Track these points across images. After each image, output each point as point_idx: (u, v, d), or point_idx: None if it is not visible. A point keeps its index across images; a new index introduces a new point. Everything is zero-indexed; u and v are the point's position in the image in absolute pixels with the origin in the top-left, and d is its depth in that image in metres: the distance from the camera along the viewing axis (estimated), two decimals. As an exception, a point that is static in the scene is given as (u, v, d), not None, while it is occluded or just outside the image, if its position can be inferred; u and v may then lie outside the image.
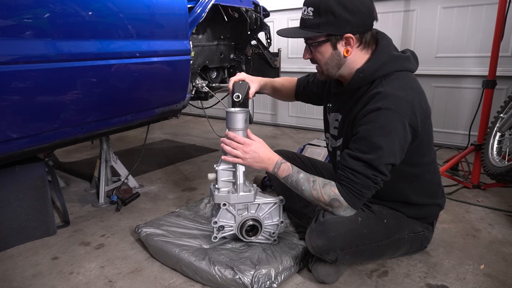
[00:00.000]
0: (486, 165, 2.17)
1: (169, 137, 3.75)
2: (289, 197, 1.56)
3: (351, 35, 1.21)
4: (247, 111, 1.40)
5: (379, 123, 1.15)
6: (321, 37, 1.23)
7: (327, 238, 1.24)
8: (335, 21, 1.18)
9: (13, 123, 1.36)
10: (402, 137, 1.16)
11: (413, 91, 1.20)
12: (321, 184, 1.26)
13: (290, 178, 1.32)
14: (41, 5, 1.32)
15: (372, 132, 1.15)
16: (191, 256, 1.40)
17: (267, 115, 4.25)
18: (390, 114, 1.14)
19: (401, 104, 1.15)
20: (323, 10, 1.18)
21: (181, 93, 2.02)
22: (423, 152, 1.31)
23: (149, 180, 2.50)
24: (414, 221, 1.41)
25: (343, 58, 1.25)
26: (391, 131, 1.15)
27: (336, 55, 1.25)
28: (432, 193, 1.42)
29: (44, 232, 1.74)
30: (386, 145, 1.15)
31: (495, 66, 2.18)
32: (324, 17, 1.19)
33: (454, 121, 3.08)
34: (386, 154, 1.15)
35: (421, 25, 3.06)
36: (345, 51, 1.23)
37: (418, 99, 1.19)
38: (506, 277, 1.39)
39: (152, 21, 1.73)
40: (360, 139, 1.18)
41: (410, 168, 1.31)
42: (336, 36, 1.21)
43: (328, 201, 1.24)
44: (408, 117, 1.15)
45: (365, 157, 1.16)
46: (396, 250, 1.39)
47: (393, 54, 1.25)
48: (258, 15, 2.43)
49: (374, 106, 1.16)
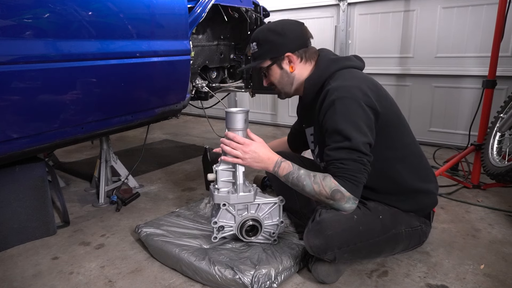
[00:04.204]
0: (486, 165, 2.17)
1: (169, 137, 3.75)
2: (289, 197, 1.56)
3: (289, 54, 1.39)
4: (247, 111, 1.40)
5: (338, 112, 1.25)
6: (267, 62, 1.42)
7: (324, 237, 1.25)
8: (272, 46, 1.40)
9: (13, 123, 1.36)
10: (364, 116, 1.25)
11: (357, 79, 1.32)
12: (322, 177, 1.27)
13: (291, 175, 1.32)
14: (41, 5, 1.32)
15: (337, 122, 1.24)
16: (191, 256, 1.40)
17: (267, 115, 4.25)
18: (344, 101, 1.25)
19: (350, 90, 1.27)
20: (262, 41, 1.41)
21: (181, 93, 2.02)
22: (399, 133, 1.38)
23: (149, 180, 2.50)
24: (410, 215, 1.41)
25: (291, 74, 1.42)
26: (352, 114, 1.24)
27: (284, 73, 1.43)
28: (423, 176, 1.43)
29: (44, 232, 1.74)
30: (354, 128, 1.23)
31: (495, 66, 2.18)
32: (264, 46, 1.41)
33: (454, 121, 3.08)
34: (358, 135, 1.23)
35: (421, 25, 3.06)
36: (290, 68, 1.42)
37: (364, 83, 1.30)
38: (506, 277, 1.39)
39: (152, 21, 1.73)
40: (331, 133, 1.27)
41: (395, 152, 1.37)
42: (278, 57, 1.40)
43: (330, 193, 1.24)
44: (361, 98, 1.25)
45: (343, 144, 1.23)
46: (394, 246, 1.40)
47: (331, 58, 1.41)
48: (258, 15, 2.43)
49: (328, 101, 1.27)
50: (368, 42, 3.36)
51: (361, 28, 3.37)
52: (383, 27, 3.25)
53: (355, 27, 3.40)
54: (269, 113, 4.23)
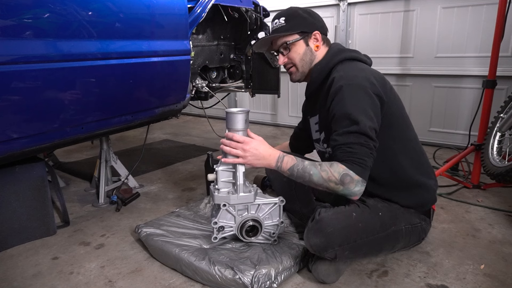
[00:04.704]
0: (486, 165, 2.17)
1: (169, 137, 3.75)
2: (289, 198, 1.56)
3: (318, 32, 1.46)
4: (248, 112, 1.40)
5: (346, 98, 1.27)
6: (295, 35, 1.45)
7: (324, 235, 1.25)
8: (304, 22, 1.45)
9: (13, 123, 1.35)
10: (371, 102, 1.28)
11: (363, 70, 1.36)
12: (328, 165, 1.27)
13: (296, 167, 1.31)
14: (41, 5, 1.32)
15: (345, 108, 1.26)
16: (191, 256, 1.40)
17: (267, 115, 4.25)
18: (351, 88, 1.28)
19: (357, 77, 1.31)
20: (292, 16, 1.45)
21: (181, 93, 2.02)
22: (403, 126, 1.42)
23: (149, 180, 2.50)
24: (410, 212, 1.41)
25: (314, 53, 1.47)
26: (359, 100, 1.27)
27: (308, 51, 1.46)
28: (423, 171, 1.45)
29: (44, 232, 1.74)
30: (362, 113, 1.25)
31: (495, 66, 2.18)
32: (295, 20, 1.44)
33: (454, 121, 3.08)
34: (365, 120, 1.24)
35: (421, 25, 3.06)
36: (315, 47, 1.46)
37: (370, 73, 1.35)
38: (506, 277, 1.39)
39: (152, 21, 1.73)
40: (338, 118, 1.28)
41: (398, 143, 1.39)
42: (307, 33, 1.45)
43: (339, 178, 1.23)
44: (368, 85, 1.29)
45: (351, 129, 1.25)
46: (394, 243, 1.40)
47: (341, 47, 1.49)
48: (258, 15, 2.43)
49: (336, 87, 1.30)
50: (368, 42, 3.36)
51: (361, 28, 3.37)
52: (383, 27, 3.25)
53: (355, 27, 3.40)
54: (269, 113, 4.23)
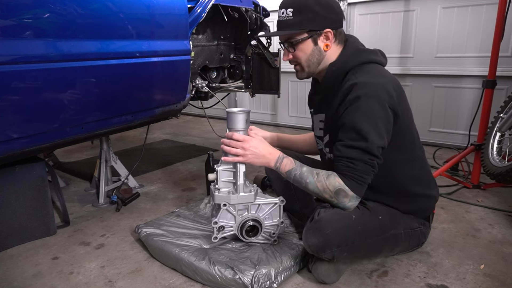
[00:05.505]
0: (486, 165, 2.17)
1: (169, 137, 3.75)
2: (289, 198, 1.56)
3: (330, 30, 1.29)
4: (248, 112, 1.40)
5: (361, 110, 1.21)
6: (303, 33, 1.30)
7: (322, 236, 1.25)
8: (314, 17, 1.27)
9: (13, 123, 1.35)
10: (385, 119, 1.23)
11: (384, 78, 1.28)
12: (325, 176, 1.27)
13: (294, 172, 1.32)
14: (41, 5, 1.32)
15: (358, 120, 1.21)
16: (191, 256, 1.40)
17: (267, 115, 4.25)
18: (370, 100, 1.21)
19: (377, 89, 1.23)
20: (302, 9, 1.26)
21: (181, 93, 2.02)
22: (410, 137, 1.37)
23: (149, 180, 2.50)
24: (410, 217, 1.41)
25: (323, 53, 1.33)
26: (374, 115, 1.21)
27: (317, 50, 1.33)
28: (425, 182, 1.44)
29: (44, 232, 1.74)
30: (373, 130, 1.21)
31: (495, 66, 2.18)
32: (304, 15, 1.26)
33: (454, 121, 3.08)
34: (375, 138, 1.21)
35: (421, 25, 3.06)
36: (325, 46, 1.32)
37: (391, 84, 1.27)
38: (506, 277, 1.39)
39: (152, 21, 1.73)
40: (348, 128, 1.24)
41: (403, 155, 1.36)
42: (317, 31, 1.29)
43: (333, 191, 1.25)
44: (386, 100, 1.23)
45: (358, 144, 1.21)
46: (393, 247, 1.40)
47: (359, 48, 1.36)
48: (258, 15, 2.43)
49: (354, 96, 1.22)
50: (368, 42, 3.28)
51: (361, 28, 3.37)
52: (383, 27, 3.25)
53: (355, 27, 3.40)
54: (269, 113, 4.23)
